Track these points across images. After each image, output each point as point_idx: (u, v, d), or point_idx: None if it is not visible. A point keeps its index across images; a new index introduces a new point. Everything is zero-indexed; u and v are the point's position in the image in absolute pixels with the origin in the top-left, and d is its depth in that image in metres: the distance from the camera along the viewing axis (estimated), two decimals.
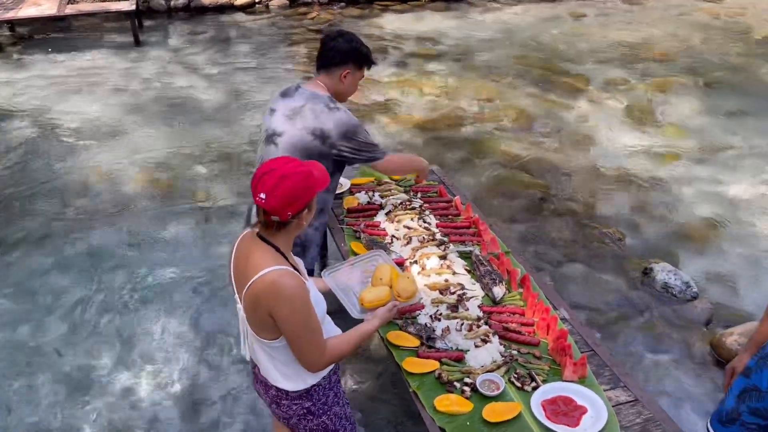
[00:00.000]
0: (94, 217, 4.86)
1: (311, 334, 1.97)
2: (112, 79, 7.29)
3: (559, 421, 2.22)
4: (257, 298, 1.92)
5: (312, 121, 2.86)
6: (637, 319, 3.88)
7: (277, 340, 2.01)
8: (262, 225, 1.99)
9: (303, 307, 1.94)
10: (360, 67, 3.02)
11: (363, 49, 3.01)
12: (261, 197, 1.88)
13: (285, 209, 1.90)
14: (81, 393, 3.39)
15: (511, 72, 7.49)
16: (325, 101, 2.91)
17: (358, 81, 3.08)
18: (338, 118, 2.87)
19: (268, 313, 1.93)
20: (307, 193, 1.93)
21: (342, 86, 3.01)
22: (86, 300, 4.03)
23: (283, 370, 2.09)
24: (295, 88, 3.03)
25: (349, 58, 2.97)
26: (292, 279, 1.92)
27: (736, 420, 2.22)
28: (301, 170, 1.93)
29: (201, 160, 5.65)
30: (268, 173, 1.90)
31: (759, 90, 7.07)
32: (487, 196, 5.10)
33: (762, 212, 4.91)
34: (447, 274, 2.94)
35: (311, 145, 2.86)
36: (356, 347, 2.16)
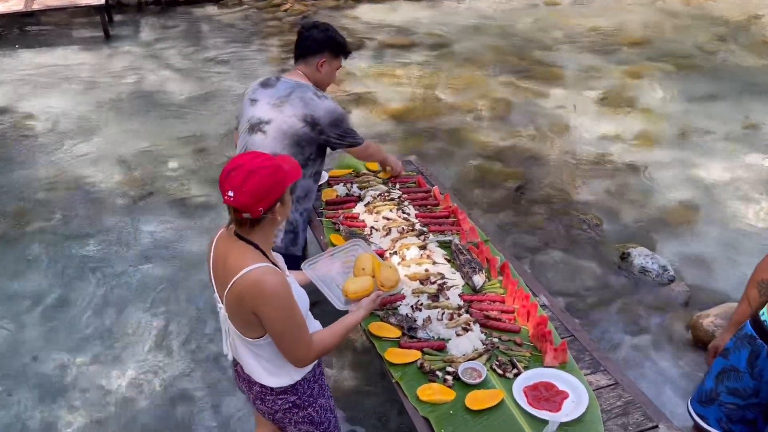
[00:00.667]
0: (67, 214, 4.78)
1: (296, 330, 1.95)
2: (83, 74, 7.16)
3: (541, 407, 2.23)
4: (240, 297, 1.89)
5: (302, 108, 2.94)
6: (615, 304, 3.92)
7: (262, 338, 1.98)
8: (235, 223, 1.95)
9: (287, 304, 1.91)
10: (336, 56, 3.09)
11: (338, 38, 3.08)
12: (229, 195, 1.84)
13: (256, 205, 1.85)
14: (58, 392, 3.34)
15: (487, 61, 7.49)
16: (312, 90, 3.01)
17: (336, 70, 3.16)
18: (327, 106, 2.98)
19: (252, 312, 1.90)
20: (278, 187, 1.89)
21: (319, 75, 3.08)
22: (61, 299, 3.97)
23: (267, 367, 2.07)
24: (276, 79, 3.09)
25: (324, 47, 3.03)
26: (275, 276, 1.89)
27: (715, 400, 2.25)
28: (270, 164, 1.89)
29: (175, 154, 5.58)
30: (235, 169, 1.86)
31: (730, 74, 7.15)
32: (465, 186, 5.11)
33: (736, 195, 4.98)
34: (427, 264, 2.94)
35: (301, 132, 2.94)
36: (342, 339, 2.15)
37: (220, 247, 2.01)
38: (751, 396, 2.15)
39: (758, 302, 2.20)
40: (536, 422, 2.19)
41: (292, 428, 2.20)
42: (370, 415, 3.19)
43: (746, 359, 2.14)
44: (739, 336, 2.20)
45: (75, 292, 4.03)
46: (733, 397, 2.19)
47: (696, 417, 2.33)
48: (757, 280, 2.22)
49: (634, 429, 2.19)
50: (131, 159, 5.52)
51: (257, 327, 1.95)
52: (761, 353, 2.09)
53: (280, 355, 2.03)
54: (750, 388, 2.14)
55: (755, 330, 2.13)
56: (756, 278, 2.23)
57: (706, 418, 2.29)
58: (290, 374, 2.10)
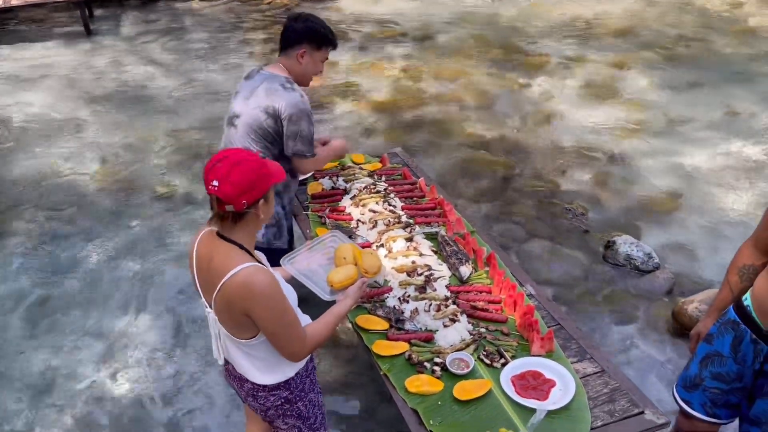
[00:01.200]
0: (50, 211, 4.74)
1: (290, 327, 1.94)
2: (64, 70, 7.07)
3: (529, 396, 2.25)
4: (230, 300, 1.87)
5: (264, 99, 2.86)
6: (601, 292, 3.95)
7: (255, 338, 1.96)
8: (218, 219, 1.92)
9: (278, 302, 1.89)
10: (318, 47, 2.99)
11: (319, 29, 2.99)
12: (213, 185, 1.81)
13: (239, 197, 1.82)
14: (45, 392, 3.32)
15: (471, 52, 7.49)
16: (281, 81, 2.91)
17: (320, 62, 3.05)
18: (291, 98, 2.86)
19: (244, 314, 1.88)
20: (263, 182, 1.87)
21: (300, 67, 2.99)
22: (45, 298, 3.94)
23: (261, 366, 2.06)
24: (257, 70, 3.03)
25: (303, 38, 2.95)
26: (264, 275, 1.87)
27: (699, 385, 2.27)
28: (256, 158, 1.89)
29: (159, 149, 5.54)
30: (221, 161, 1.84)
31: (713, 62, 7.20)
32: (451, 177, 5.11)
33: (719, 183, 5.03)
34: (414, 255, 2.95)
35: (265, 124, 2.86)
36: (334, 329, 2.15)
37: (202, 249, 1.97)
38: (735, 380, 2.18)
39: (739, 288, 2.23)
40: (524, 411, 2.21)
41: (281, 422, 2.20)
42: (359, 407, 3.20)
43: (730, 344, 2.16)
44: (722, 321, 2.23)
45: (59, 290, 4.00)
46: (717, 381, 2.22)
47: (681, 402, 2.36)
48: (738, 266, 2.24)
49: (621, 415, 2.22)
50: (114, 154, 5.47)
51: (249, 328, 1.93)
52: (744, 338, 2.12)
53: (273, 353, 2.02)
54: (733, 372, 2.17)
55: (738, 315, 2.15)
56: (736, 264, 2.25)
57: (691, 403, 2.31)
58: (284, 371, 2.10)
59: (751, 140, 5.60)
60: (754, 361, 2.10)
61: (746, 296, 2.16)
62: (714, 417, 2.29)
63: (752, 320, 2.09)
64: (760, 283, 2.10)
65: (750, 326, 2.11)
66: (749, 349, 2.11)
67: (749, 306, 2.11)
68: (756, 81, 6.70)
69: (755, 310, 2.08)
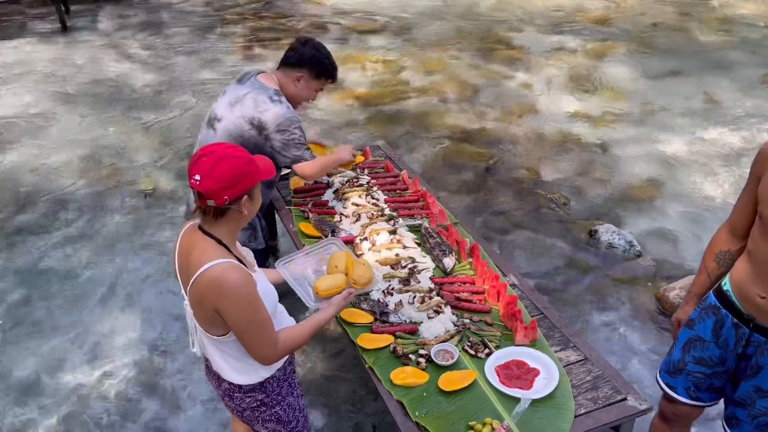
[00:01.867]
0: (30, 210, 4.68)
1: (260, 329, 1.89)
2: (41, 67, 6.97)
3: (513, 385, 2.27)
4: (201, 294, 1.84)
5: (251, 110, 2.85)
6: (584, 280, 3.98)
7: (227, 335, 1.93)
8: (200, 213, 1.89)
9: (249, 301, 1.85)
10: (316, 77, 3.04)
11: (324, 60, 3.02)
12: (196, 179, 1.79)
13: (221, 192, 1.79)
14: (28, 392, 3.29)
15: (452, 44, 7.49)
16: (270, 93, 2.90)
17: (314, 90, 3.09)
18: (277, 110, 2.86)
19: (214, 310, 1.84)
20: (247, 179, 1.84)
21: (294, 89, 3.03)
22: (27, 297, 3.89)
23: (235, 365, 2.03)
24: (250, 76, 3.01)
25: (305, 64, 3.00)
26: (237, 273, 1.83)
27: (683, 370, 2.30)
28: (243, 155, 1.86)
29: (138, 145, 5.48)
30: (206, 155, 1.82)
31: (691, 49, 7.27)
32: (433, 169, 5.12)
33: (698, 170, 5.09)
34: (397, 248, 2.95)
35: (247, 134, 2.85)
36: (311, 337, 2.10)
37: (184, 242, 1.95)
38: (718, 365, 2.21)
39: (717, 273, 2.26)
40: (509, 400, 2.23)
41: (260, 426, 2.16)
42: (346, 400, 3.20)
43: (711, 329, 2.19)
44: (703, 306, 2.26)
45: (39, 289, 3.95)
46: (700, 366, 2.25)
47: (665, 387, 2.39)
48: (715, 252, 2.26)
49: (604, 402, 2.24)
50: (93, 151, 5.41)
51: (221, 325, 1.90)
52: (726, 323, 2.15)
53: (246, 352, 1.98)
54: (716, 356, 2.20)
55: (719, 300, 2.18)
56: (713, 250, 2.27)
57: (675, 388, 2.34)
58: (258, 372, 2.06)
59: (730, 127, 5.67)
60: (736, 344, 2.13)
61: (725, 281, 2.19)
62: (698, 400, 2.32)
63: (732, 305, 2.12)
64: (739, 268, 2.12)
65: (731, 311, 2.13)
66: (731, 333, 2.14)
67: (729, 291, 2.14)
68: (733, 69, 6.78)
69: (735, 295, 2.11)
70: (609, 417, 2.20)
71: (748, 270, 2.06)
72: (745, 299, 2.07)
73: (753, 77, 6.58)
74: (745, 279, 2.07)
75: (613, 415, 2.21)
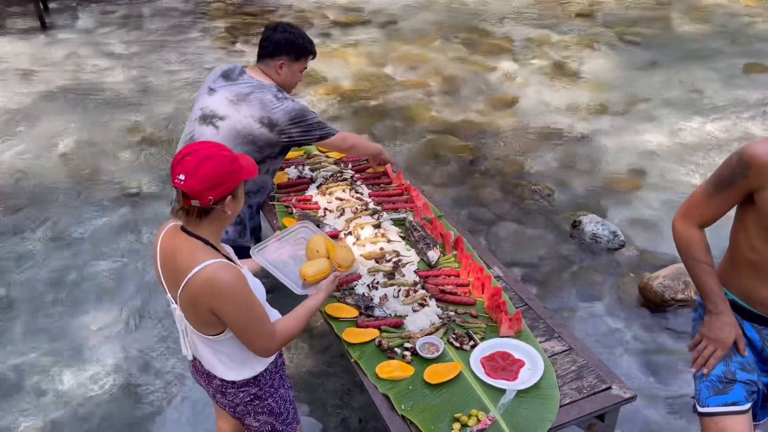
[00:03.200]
0: (11, 213, 4.62)
1: (258, 323, 1.90)
2: (19, 65, 6.88)
3: (498, 376, 2.27)
4: (194, 297, 1.83)
5: (259, 110, 2.88)
6: (568, 271, 4.00)
7: (222, 334, 1.93)
8: (183, 213, 1.86)
9: (245, 298, 1.85)
10: (296, 58, 3.02)
11: (298, 41, 3.00)
12: (180, 178, 1.76)
13: (206, 192, 1.77)
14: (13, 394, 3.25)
15: (435, 36, 7.49)
16: (273, 91, 2.94)
17: (299, 72, 3.07)
18: (286, 107, 2.91)
19: (210, 311, 1.84)
20: (232, 178, 1.82)
21: (279, 78, 3.03)
22: (9, 300, 3.85)
23: (228, 362, 2.03)
24: (239, 72, 3.02)
25: (282, 50, 2.98)
26: (229, 271, 1.82)
27: (734, 381, 2.10)
28: (227, 154, 1.84)
29: (121, 145, 5.43)
30: (190, 154, 1.80)
31: (671, 41, 7.32)
32: (418, 163, 5.12)
33: (679, 159, 5.13)
34: (382, 242, 2.95)
35: (257, 132, 2.89)
36: (305, 324, 2.12)
37: (166, 244, 1.93)
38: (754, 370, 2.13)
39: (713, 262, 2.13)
40: (494, 392, 2.23)
41: (252, 420, 2.17)
42: (333, 395, 3.20)
43: None
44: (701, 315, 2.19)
45: (24, 292, 3.91)
46: (745, 373, 2.12)
47: (722, 408, 2.09)
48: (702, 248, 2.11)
49: (589, 392, 2.25)
50: (72, 151, 5.35)
51: (216, 324, 1.90)
52: (743, 328, 2.11)
53: (241, 348, 1.98)
54: (752, 360, 2.14)
55: None
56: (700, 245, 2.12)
57: (737, 402, 2.08)
58: (253, 366, 2.07)
59: (711, 117, 5.72)
60: (764, 347, 2.10)
61: (725, 292, 2.14)
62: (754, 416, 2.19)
63: (746, 310, 2.09)
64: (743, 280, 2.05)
65: (745, 316, 2.10)
66: (756, 337, 2.10)
67: (736, 299, 2.10)
68: (713, 59, 6.83)
69: (745, 303, 2.08)
70: (594, 406, 2.21)
71: (756, 279, 2.01)
72: (760, 303, 2.04)
73: (734, 67, 6.64)
74: (753, 287, 2.04)
75: (598, 404, 2.22)
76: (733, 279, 2.11)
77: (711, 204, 2.06)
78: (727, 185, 1.98)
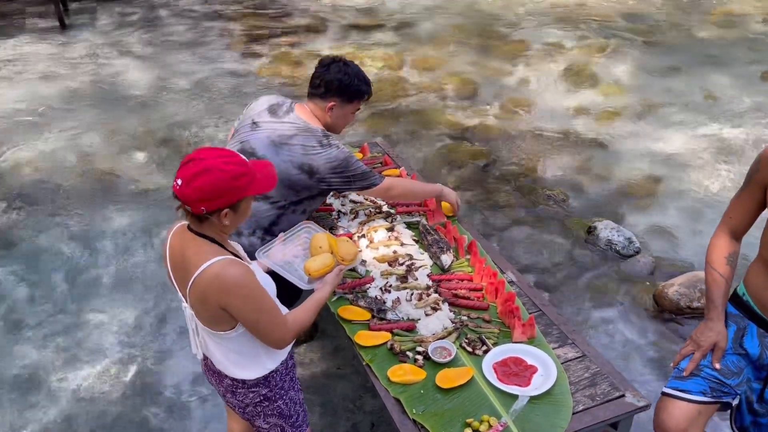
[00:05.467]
0: (32, 211, 4.67)
1: (270, 315, 1.92)
2: (39, 66, 6.96)
3: (511, 382, 2.26)
4: (204, 294, 1.84)
5: (300, 156, 2.69)
6: (583, 277, 3.97)
7: (233, 330, 1.94)
8: (184, 213, 1.89)
9: (254, 292, 1.87)
10: (348, 101, 2.79)
11: (353, 82, 2.75)
12: (177, 182, 1.78)
13: (198, 203, 1.78)
14: (27, 391, 3.28)
15: (451, 40, 7.48)
16: (318, 137, 2.72)
17: (350, 114, 2.86)
18: (329, 156, 2.70)
19: (220, 307, 1.85)
20: (231, 193, 1.81)
21: (329, 119, 2.81)
22: (29, 297, 3.89)
23: (239, 360, 2.04)
24: (287, 110, 2.80)
25: (333, 91, 2.75)
26: (236, 267, 1.84)
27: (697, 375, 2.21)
28: (231, 168, 1.80)
29: (140, 145, 5.47)
30: (194, 161, 1.80)
31: (691, 46, 7.25)
32: (432, 166, 5.11)
33: (698, 166, 5.08)
34: (395, 245, 2.95)
35: (296, 179, 2.71)
36: (315, 314, 2.14)
37: (175, 244, 1.95)
38: (734, 374, 2.17)
39: (730, 276, 2.19)
40: (506, 397, 2.22)
41: (261, 421, 2.17)
42: (345, 398, 3.19)
43: (732, 338, 2.17)
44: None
45: (42, 289, 3.95)
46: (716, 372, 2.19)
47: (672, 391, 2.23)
48: (724, 256, 2.17)
49: (602, 399, 2.24)
50: (91, 150, 5.40)
51: (226, 320, 1.91)
52: (748, 331, 2.12)
53: (252, 346, 2.00)
54: (733, 364, 2.17)
55: (739, 309, 2.14)
56: (722, 254, 2.18)
57: (688, 391, 2.20)
58: (264, 364, 2.07)
59: (729, 123, 5.65)
60: (761, 354, 2.11)
61: (742, 291, 2.15)
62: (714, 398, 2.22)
63: (755, 314, 2.09)
64: (755, 278, 2.09)
65: (754, 319, 2.11)
66: (754, 344, 2.12)
67: (749, 301, 2.11)
68: (732, 65, 6.76)
69: (756, 305, 2.08)
70: (607, 414, 2.20)
71: (765, 277, 2.04)
72: (762, 305, 2.05)
73: (753, 73, 6.57)
74: (763, 287, 2.04)
75: (611, 412, 2.20)
76: (752, 278, 2.13)
77: (738, 204, 2.16)
78: (747, 182, 2.09)
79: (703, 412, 2.19)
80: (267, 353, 2.06)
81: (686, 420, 2.16)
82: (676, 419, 2.17)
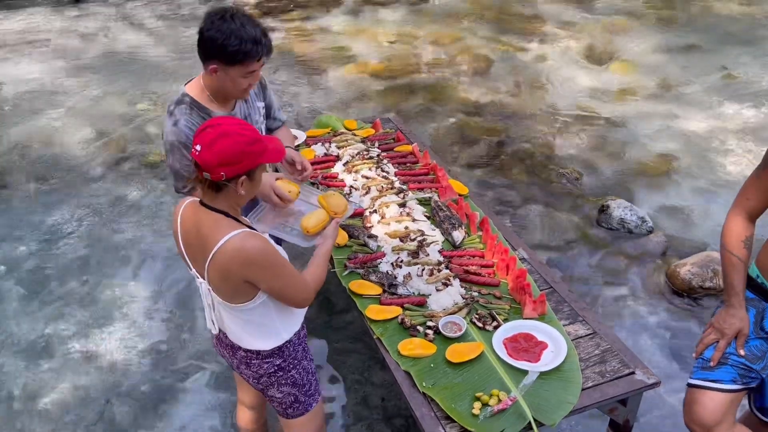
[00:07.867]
0: (46, 182, 4.71)
1: (293, 279, 1.96)
2: (52, 38, 6.96)
3: (521, 358, 2.27)
4: (226, 268, 1.85)
5: None
6: (595, 255, 3.96)
7: (251, 301, 1.95)
8: (198, 184, 1.89)
9: (275, 260, 1.90)
10: (229, 64, 2.27)
11: (226, 42, 2.21)
12: (196, 149, 1.79)
13: (218, 168, 1.78)
14: (42, 359, 3.34)
15: (466, 16, 7.39)
16: (174, 103, 2.41)
17: (239, 78, 2.31)
18: (166, 128, 2.39)
19: (243, 280, 1.87)
20: (249, 158, 1.82)
21: (216, 83, 2.37)
22: (43, 267, 3.94)
23: (256, 331, 2.06)
24: None
25: (210, 52, 2.29)
26: (256, 239, 1.86)
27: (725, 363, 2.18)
28: (248, 134, 1.83)
29: (151, 117, 5.48)
30: (212, 126, 1.81)
31: (710, 25, 7.12)
32: (445, 143, 5.09)
33: (713, 145, 5.02)
34: (407, 221, 2.95)
35: None
36: (326, 268, 2.18)
37: (187, 220, 1.95)
38: (759, 358, 2.15)
39: (747, 259, 2.14)
40: (516, 373, 2.23)
41: (275, 391, 2.20)
42: (354, 371, 3.23)
43: (753, 321, 2.14)
44: None
45: (57, 260, 4.00)
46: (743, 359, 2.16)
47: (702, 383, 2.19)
48: (741, 240, 2.11)
49: (611, 376, 2.24)
50: (105, 123, 5.42)
51: (246, 292, 1.93)
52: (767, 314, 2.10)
53: (269, 317, 2.02)
54: (757, 348, 2.14)
55: (755, 293, 2.11)
56: (739, 239, 2.12)
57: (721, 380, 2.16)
58: (279, 335, 2.10)
59: (747, 103, 5.57)
60: None
61: (754, 271, 2.13)
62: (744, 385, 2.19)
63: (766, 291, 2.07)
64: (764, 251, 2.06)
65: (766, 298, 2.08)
66: None
67: (765, 283, 2.08)
68: (753, 44, 6.64)
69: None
70: (616, 390, 2.20)
71: None
72: None
73: None
74: None
75: (621, 389, 2.21)
76: (763, 257, 2.11)
77: (756, 185, 2.09)
78: (764, 164, 2.02)
79: (734, 400, 2.16)
80: (283, 323, 2.09)
81: (722, 410, 2.13)
82: (711, 411, 2.13)
